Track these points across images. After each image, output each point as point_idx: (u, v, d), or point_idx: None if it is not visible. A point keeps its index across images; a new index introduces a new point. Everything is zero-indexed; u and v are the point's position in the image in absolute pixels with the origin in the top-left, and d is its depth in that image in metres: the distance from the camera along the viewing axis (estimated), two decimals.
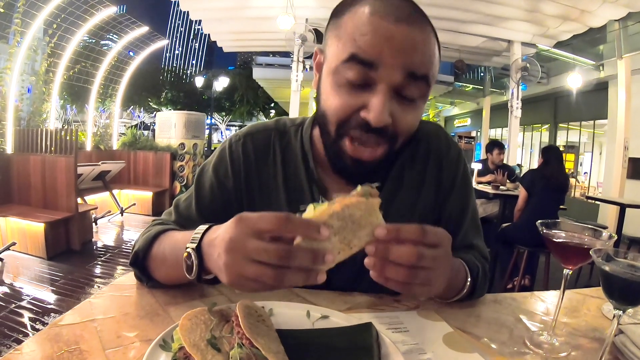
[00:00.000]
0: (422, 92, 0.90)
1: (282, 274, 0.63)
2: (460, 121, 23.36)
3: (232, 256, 0.66)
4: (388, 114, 0.86)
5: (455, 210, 1.16)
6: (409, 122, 0.92)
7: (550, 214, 4.62)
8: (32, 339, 0.77)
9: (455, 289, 1.00)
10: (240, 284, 0.67)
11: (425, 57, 0.87)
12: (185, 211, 1.14)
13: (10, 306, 3.83)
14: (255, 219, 0.66)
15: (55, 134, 5.96)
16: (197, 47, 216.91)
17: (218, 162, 1.14)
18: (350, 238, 0.69)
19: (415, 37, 0.85)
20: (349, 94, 0.88)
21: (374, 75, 0.85)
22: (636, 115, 8.60)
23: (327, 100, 0.93)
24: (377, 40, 0.83)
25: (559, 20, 8.25)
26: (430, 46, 0.88)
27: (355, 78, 0.86)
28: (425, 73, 0.87)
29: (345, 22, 0.88)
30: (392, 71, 0.84)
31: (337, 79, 0.89)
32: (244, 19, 9.43)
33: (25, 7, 7.32)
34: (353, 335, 0.78)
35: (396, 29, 0.83)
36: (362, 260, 1.08)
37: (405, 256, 0.69)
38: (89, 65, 9.72)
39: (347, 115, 0.89)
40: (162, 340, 0.70)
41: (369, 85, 0.86)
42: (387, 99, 0.85)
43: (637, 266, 0.73)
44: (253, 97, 33.12)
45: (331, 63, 0.90)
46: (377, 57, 0.83)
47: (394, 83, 0.85)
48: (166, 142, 9.39)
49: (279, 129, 1.17)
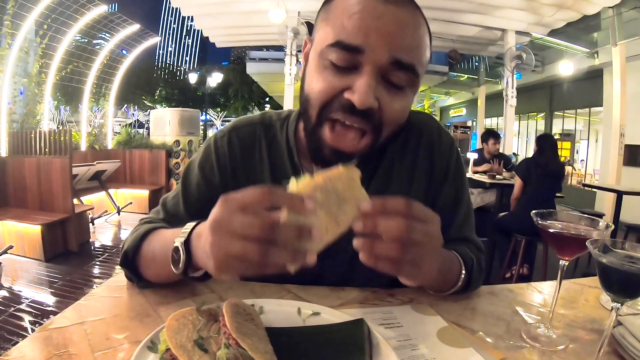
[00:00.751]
0: (410, 81, 0.88)
1: (267, 249, 0.62)
2: (455, 111, 23.41)
3: (217, 234, 0.65)
4: (373, 95, 0.83)
5: (448, 203, 1.14)
6: (396, 110, 0.89)
7: (547, 202, 4.62)
8: (21, 344, 0.76)
9: (450, 282, 0.99)
10: (227, 265, 0.65)
11: (413, 42, 0.86)
12: (173, 209, 1.12)
13: (10, 309, 3.81)
14: (239, 196, 0.65)
15: (50, 135, 5.93)
16: (190, 43, 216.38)
17: (204, 159, 1.13)
18: (336, 212, 0.69)
19: (403, 20, 0.84)
20: (334, 76, 0.86)
21: (360, 58, 0.83)
22: (632, 102, 8.62)
23: (310, 83, 0.90)
24: (364, 22, 0.82)
25: (554, 8, 8.25)
26: (418, 31, 0.87)
27: (341, 61, 0.84)
28: (410, 62, 0.85)
29: (335, 6, 0.88)
30: (378, 53, 0.82)
31: (322, 61, 0.87)
32: (236, 14, 9.42)
33: (15, 9, 7.26)
34: (344, 332, 0.77)
35: (385, 9, 0.82)
36: (352, 255, 1.08)
37: (395, 228, 0.67)
38: (81, 64, 9.66)
39: (331, 97, 0.87)
40: (150, 342, 0.70)
41: (355, 68, 0.84)
42: (372, 81, 0.83)
43: (635, 257, 0.71)
44: (248, 92, 33.06)
45: (317, 47, 0.89)
46: (363, 41, 0.82)
47: (380, 64, 0.83)
48: (161, 139, 9.35)
49: (264, 123, 1.15)
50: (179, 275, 0.82)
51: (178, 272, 0.80)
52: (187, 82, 33.49)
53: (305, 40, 0.99)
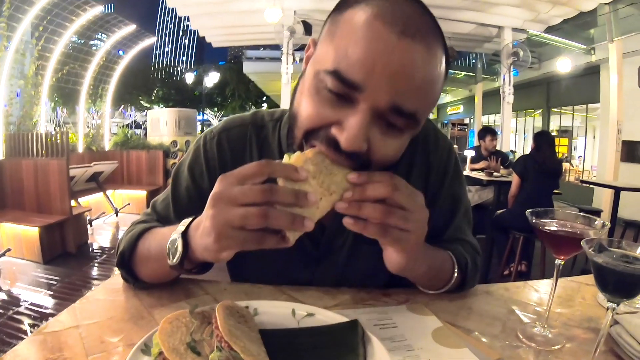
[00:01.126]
0: (409, 126, 0.76)
1: (267, 212, 0.65)
2: (452, 108, 23.42)
3: (218, 206, 0.68)
4: (364, 139, 0.72)
5: (446, 205, 1.13)
6: (389, 152, 0.78)
7: (544, 199, 4.63)
8: (16, 348, 0.75)
9: (442, 280, 1.00)
10: (227, 235, 0.67)
11: (421, 86, 0.73)
12: (164, 212, 1.11)
13: (9, 312, 3.81)
14: (237, 170, 0.69)
15: (47, 137, 5.92)
16: (186, 43, 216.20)
17: (193, 162, 1.11)
18: (328, 183, 0.72)
19: (415, 59, 0.70)
20: (325, 105, 0.75)
21: (357, 94, 0.71)
22: (629, 98, 8.62)
23: (300, 102, 0.80)
24: (369, 56, 0.69)
25: (549, 5, 8.24)
26: (431, 71, 0.74)
27: (337, 90, 0.72)
28: (412, 109, 0.73)
29: (344, 21, 0.74)
30: (378, 95, 0.70)
31: (316, 83, 0.75)
32: (232, 13, 9.40)
33: (11, 11, 7.24)
34: (338, 333, 0.77)
35: (397, 44, 0.69)
36: (346, 257, 1.09)
37: (382, 189, 0.71)
38: (77, 66, 9.63)
39: (317, 127, 0.76)
40: (144, 345, 0.69)
41: (349, 101, 0.72)
42: (365, 122, 0.71)
43: (631, 256, 0.71)
44: (245, 92, 33.08)
45: (316, 64, 0.78)
46: (363, 78, 0.69)
47: (378, 106, 0.71)
48: (158, 140, 9.36)
49: (256, 123, 1.12)
50: (174, 271, 0.82)
51: (174, 263, 0.81)
52: (184, 82, 33.55)
53: (309, 43, 0.87)
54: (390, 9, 0.71)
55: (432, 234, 0.85)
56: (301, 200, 0.67)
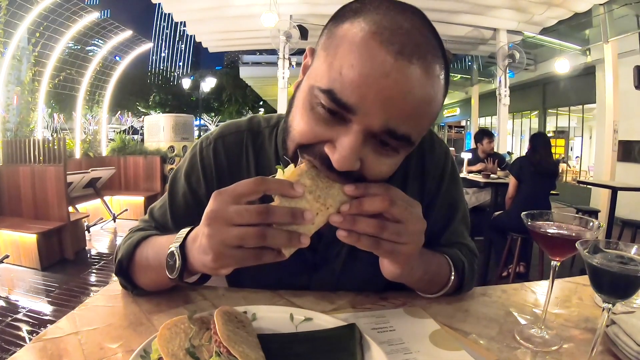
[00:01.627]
0: (403, 147, 0.75)
1: (264, 232, 0.64)
2: (449, 111, 23.44)
3: (214, 225, 0.67)
4: (356, 159, 0.71)
5: (444, 210, 1.13)
6: (383, 170, 0.77)
7: (541, 201, 4.64)
8: (16, 355, 0.76)
9: (438, 284, 1.00)
10: (224, 254, 0.67)
11: (417, 109, 0.71)
12: (161, 219, 1.11)
13: (7, 319, 3.79)
14: (231, 188, 0.68)
15: (44, 143, 5.91)
16: (183, 48, 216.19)
17: (190, 169, 1.11)
18: (324, 196, 0.71)
19: (411, 82, 0.68)
20: (318, 122, 0.73)
21: (351, 116, 0.69)
22: (624, 98, 8.64)
23: (295, 116, 0.79)
24: (364, 79, 0.67)
25: (544, 7, 8.28)
26: (428, 92, 0.71)
27: (330, 106, 0.70)
28: (407, 133, 0.72)
29: (341, 37, 0.71)
30: (371, 118, 0.69)
31: (311, 99, 0.73)
32: (228, 18, 9.44)
33: (7, 17, 7.24)
34: (336, 337, 0.77)
35: (394, 65, 0.66)
36: (342, 263, 1.09)
37: (378, 203, 0.71)
38: (74, 72, 9.61)
39: (309, 143, 0.75)
40: (143, 351, 0.70)
41: (343, 120, 0.71)
42: (358, 143, 0.70)
43: (626, 257, 0.71)
44: (241, 96, 33.13)
45: (311, 79, 0.75)
46: (357, 101, 0.67)
47: (371, 129, 0.70)
48: (155, 145, 9.33)
49: (252, 129, 1.11)
50: (173, 281, 0.82)
51: (173, 277, 0.80)
52: (181, 88, 33.55)
53: (307, 52, 0.84)
54: (388, 25, 0.68)
55: (429, 238, 0.84)
56: (298, 219, 0.66)
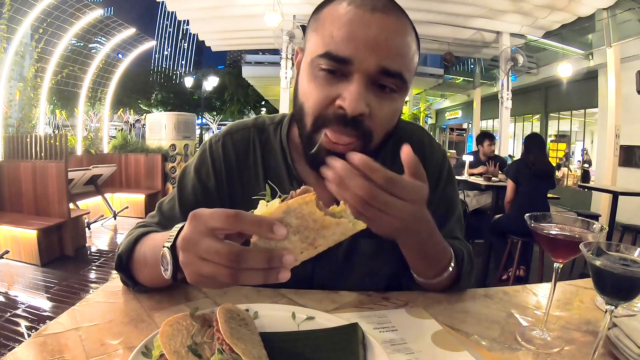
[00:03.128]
0: (398, 86, 0.90)
1: (236, 273, 0.61)
2: (451, 113, 23.45)
3: (187, 255, 0.66)
4: (364, 102, 0.86)
5: (440, 210, 1.15)
6: (386, 114, 0.92)
7: (540, 202, 4.66)
8: (16, 350, 0.75)
9: (437, 267, 1.00)
10: (200, 282, 0.67)
11: (400, 50, 0.88)
12: (169, 212, 1.14)
13: (6, 315, 3.80)
14: (207, 217, 0.64)
15: (45, 139, 5.92)
16: (186, 47, 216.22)
17: (199, 164, 1.15)
18: (314, 236, 0.65)
19: (390, 28, 0.86)
20: (325, 85, 0.88)
21: (350, 67, 0.86)
22: (627, 102, 8.65)
23: (304, 93, 0.93)
24: (352, 33, 0.84)
25: (547, 10, 8.29)
26: (405, 38, 0.89)
27: (331, 67, 0.87)
28: (398, 69, 0.88)
29: (324, 17, 0.90)
30: (366, 63, 0.85)
31: (313, 70, 0.90)
32: (231, 18, 9.45)
33: (11, 13, 7.24)
34: (338, 336, 0.77)
35: (372, 18, 0.85)
36: (343, 255, 1.12)
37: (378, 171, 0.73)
38: (77, 68, 9.64)
39: (325, 106, 0.89)
40: (145, 347, 0.69)
41: (345, 76, 0.87)
42: (362, 88, 0.85)
43: (628, 259, 0.71)
44: (243, 96, 33.09)
45: (308, 56, 0.92)
46: (351, 52, 0.84)
47: (369, 73, 0.86)
48: (157, 143, 9.34)
49: (257, 127, 1.18)
50: (170, 280, 0.82)
51: (167, 277, 0.80)
52: (183, 86, 33.54)
53: (296, 50, 1.02)
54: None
55: None
56: (275, 263, 0.62)
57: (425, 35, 10.00)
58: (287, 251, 0.64)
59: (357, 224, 0.68)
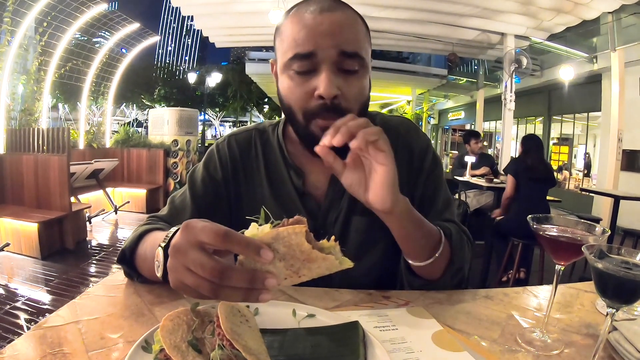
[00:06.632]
0: (359, 65, 1.04)
1: (218, 288, 0.62)
2: (454, 114, 23.41)
3: (174, 262, 0.66)
4: (335, 85, 1.00)
5: (427, 193, 1.25)
6: (355, 91, 1.05)
7: (540, 203, 4.66)
8: (15, 342, 0.76)
9: (430, 247, 1.03)
10: (181, 289, 0.67)
11: (352, 35, 1.03)
12: (181, 205, 1.24)
13: (6, 307, 3.81)
14: (198, 230, 0.65)
15: (48, 133, 5.92)
16: (189, 43, 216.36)
17: (208, 160, 1.30)
18: (299, 266, 0.67)
19: (339, 20, 1.02)
20: (302, 83, 1.03)
21: (315, 60, 1.00)
22: (630, 107, 8.62)
23: (287, 95, 1.07)
24: (310, 32, 1.00)
25: (553, 13, 8.26)
26: (354, 26, 1.05)
27: (302, 67, 1.02)
28: (354, 50, 1.02)
29: (284, 29, 1.07)
30: (327, 51, 1.00)
31: (288, 72, 1.05)
32: (236, 14, 9.42)
33: (15, 6, 7.23)
34: (339, 334, 0.78)
35: (322, 17, 1.01)
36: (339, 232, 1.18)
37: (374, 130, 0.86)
38: (80, 62, 9.62)
39: (307, 100, 1.03)
40: (145, 342, 0.70)
41: (315, 71, 1.02)
42: (331, 73, 1.00)
43: (630, 262, 0.71)
44: (246, 93, 33.03)
45: (281, 63, 1.07)
46: (313, 47, 1.00)
47: (332, 59, 1.00)
48: (159, 139, 9.35)
49: (258, 129, 1.35)
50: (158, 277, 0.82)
51: (159, 275, 0.80)
52: (186, 82, 33.42)
53: (271, 62, 1.18)
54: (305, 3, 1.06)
55: None
56: (258, 284, 0.63)
57: (429, 36, 10.00)
58: (271, 274, 0.64)
59: (344, 261, 0.69)
